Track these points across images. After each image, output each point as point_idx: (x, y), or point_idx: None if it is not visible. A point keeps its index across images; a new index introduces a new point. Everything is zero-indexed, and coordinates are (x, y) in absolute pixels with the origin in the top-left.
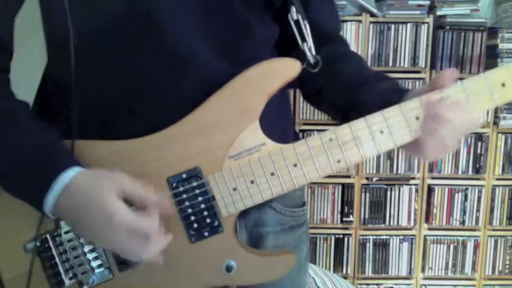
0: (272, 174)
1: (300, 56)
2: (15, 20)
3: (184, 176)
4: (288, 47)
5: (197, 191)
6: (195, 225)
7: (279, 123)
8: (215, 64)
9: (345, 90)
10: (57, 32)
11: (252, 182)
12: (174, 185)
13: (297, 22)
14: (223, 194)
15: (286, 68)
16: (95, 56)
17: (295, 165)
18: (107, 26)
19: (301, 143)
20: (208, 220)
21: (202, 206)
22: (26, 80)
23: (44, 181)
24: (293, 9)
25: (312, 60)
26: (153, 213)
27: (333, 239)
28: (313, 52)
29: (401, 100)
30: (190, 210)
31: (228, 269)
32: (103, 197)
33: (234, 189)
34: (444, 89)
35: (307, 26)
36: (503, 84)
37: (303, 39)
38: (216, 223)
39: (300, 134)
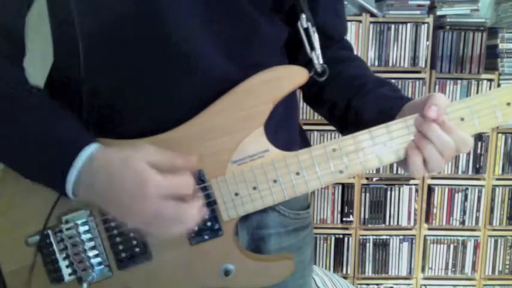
0: (274, 181)
1: (307, 61)
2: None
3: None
4: (295, 49)
5: (199, 194)
6: (196, 227)
7: (285, 129)
8: (222, 65)
9: (345, 91)
10: (64, 32)
11: (254, 188)
12: None
13: (306, 30)
14: (225, 199)
15: (293, 76)
16: (101, 56)
17: (297, 173)
18: (112, 26)
19: (304, 152)
20: (208, 223)
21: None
22: (32, 79)
23: (65, 158)
24: (303, 16)
25: (319, 69)
26: (187, 173)
27: (333, 239)
28: (321, 61)
29: (399, 109)
30: None
31: (226, 272)
32: (133, 163)
33: (236, 194)
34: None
35: (316, 34)
36: (508, 104)
37: (312, 48)
38: (216, 226)
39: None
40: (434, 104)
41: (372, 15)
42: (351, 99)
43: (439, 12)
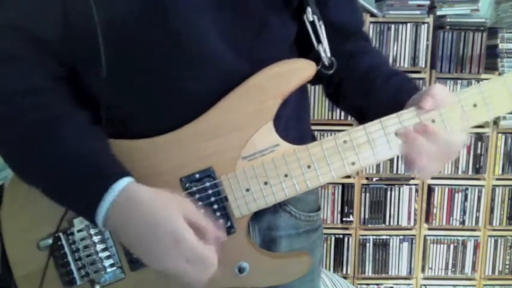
0: (285, 175)
1: (315, 55)
2: None
3: (197, 176)
4: (306, 46)
5: (210, 192)
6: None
7: (295, 124)
8: (232, 60)
9: (360, 84)
10: (81, 32)
11: (266, 183)
12: (187, 185)
13: (312, 23)
14: (236, 195)
15: (301, 70)
16: (110, 54)
17: (308, 166)
18: (121, 24)
19: (315, 145)
20: (220, 221)
21: (215, 206)
22: None
23: (96, 191)
24: (309, 10)
25: (326, 62)
26: (214, 246)
27: (333, 239)
28: (328, 54)
29: (406, 101)
30: (203, 211)
31: (241, 270)
32: (171, 215)
33: (247, 190)
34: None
35: (323, 27)
36: None
37: (318, 41)
38: (229, 224)
39: None
40: (430, 95)
41: (372, 15)
42: (366, 93)
43: (439, 12)
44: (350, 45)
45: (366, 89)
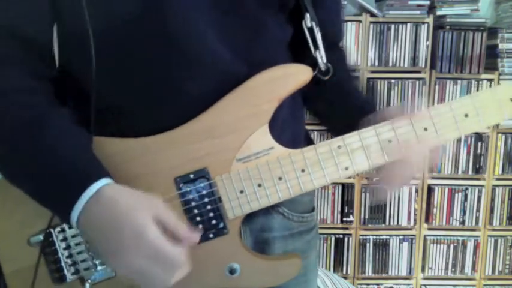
0: (280, 178)
1: (312, 61)
2: None
3: (191, 176)
4: (300, 49)
5: (204, 192)
6: (201, 226)
7: (290, 127)
8: (229, 62)
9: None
10: (74, 32)
11: (259, 185)
12: (181, 185)
13: (310, 29)
14: (230, 196)
15: (298, 74)
16: (110, 55)
17: (302, 170)
18: (120, 25)
19: (309, 149)
20: (213, 221)
21: (209, 207)
22: None
23: (72, 192)
24: (307, 15)
25: (323, 68)
26: (184, 246)
27: (333, 239)
28: (325, 60)
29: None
30: (196, 211)
31: (232, 271)
32: (138, 214)
33: (241, 191)
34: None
35: (320, 34)
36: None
37: (316, 47)
38: (222, 225)
39: None
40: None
41: (372, 15)
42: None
43: (439, 12)
44: (331, 54)
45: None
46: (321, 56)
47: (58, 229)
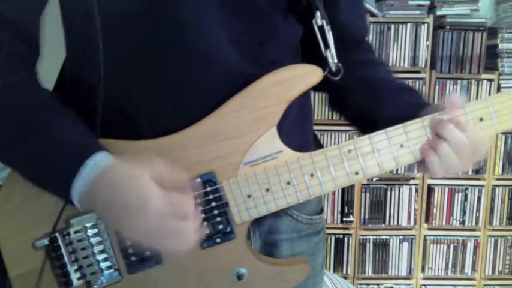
0: (288, 183)
1: (322, 60)
2: None
3: (199, 180)
4: (310, 49)
5: (211, 196)
6: (207, 230)
7: (298, 129)
8: (238, 63)
9: (366, 94)
10: (81, 31)
11: (267, 190)
12: None
13: (320, 28)
14: (237, 201)
15: (307, 75)
16: (115, 54)
17: (311, 175)
18: (129, 25)
19: (318, 153)
20: (220, 226)
21: (216, 211)
22: (43, 75)
23: (71, 166)
24: (318, 14)
25: (333, 68)
26: (189, 193)
27: (333, 239)
28: (335, 60)
29: (418, 115)
30: (203, 215)
31: (239, 277)
32: (137, 178)
33: (249, 196)
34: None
35: (331, 32)
36: None
37: (326, 46)
38: (229, 229)
39: None
40: (449, 105)
41: (372, 15)
42: (370, 103)
43: (439, 12)
44: (359, 54)
45: (375, 101)
46: (332, 55)
47: (63, 233)
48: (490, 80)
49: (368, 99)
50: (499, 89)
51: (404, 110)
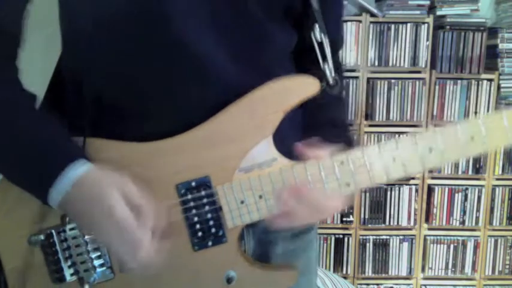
0: None
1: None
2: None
3: (193, 184)
4: (305, 59)
5: (205, 200)
6: (200, 233)
7: (292, 138)
8: (232, 69)
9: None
10: (75, 30)
11: (260, 196)
12: (183, 192)
13: (319, 42)
14: (231, 206)
15: (306, 86)
16: (109, 57)
17: None
18: (119, 28)
19: (312, 163)
20: (213, 230)
21: (209, 215)
22: (38, 72)
23: (49, 174)
24: (316, 27)
25: (331, 81)
26: (147, 223)
27: (333, 239)
28: (333, 73)
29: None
30: (196, 219)
31: (229, 280)
32: (105, 191)
33: (242, 202)
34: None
35: (329, 46)
36: None
37: (324, 59)
38: (221, 233)
39: None
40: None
41: (372, 15)
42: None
43: (439, 12)
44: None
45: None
46: (330, 69)
47: (59, 230)
48: (490, 80)
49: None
50: (499, 89)
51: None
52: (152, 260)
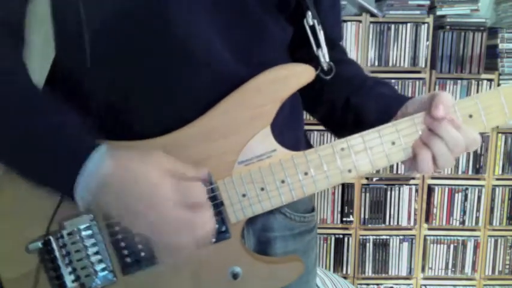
0: (282, 181)
1: (312, 60)
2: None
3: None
4: (300, 49)
5: (206, 196)
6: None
7: (290, 128)
8: (230, 63)
9: (344, 90)
10: (68, 28)
11: (262, 189)
12: None
13: (312, 27)
14: (232, 200)
15: (300, 74)
16: (106, 54)
17: (305, 173)
18: (117, 24)
19: (312, 151)
20: (216, 226)
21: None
22: (34, 71)
23: (74, 162)
24: (309, 14)
25: (325, 67)
26: (199, 183)
27: (333, 239)
28: (327, 59)
29: (398, 107)
30: None
31: (234, 276)
32: (145, 171)
33: (244, 195)
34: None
35: (322, 32)
36: None
37: (318, 45)
38: (224, 229)
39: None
40: (441, 103)
41: (372, 15)
42: (350, 97)
43: (439, 12)
44: (335, 54)
45: (351, 93)
46: (324, 55)
47: (57, 235)
48: (490, 80)
49: (349, 93)
50: None
51: (386, 102)
52: (211, 235)
